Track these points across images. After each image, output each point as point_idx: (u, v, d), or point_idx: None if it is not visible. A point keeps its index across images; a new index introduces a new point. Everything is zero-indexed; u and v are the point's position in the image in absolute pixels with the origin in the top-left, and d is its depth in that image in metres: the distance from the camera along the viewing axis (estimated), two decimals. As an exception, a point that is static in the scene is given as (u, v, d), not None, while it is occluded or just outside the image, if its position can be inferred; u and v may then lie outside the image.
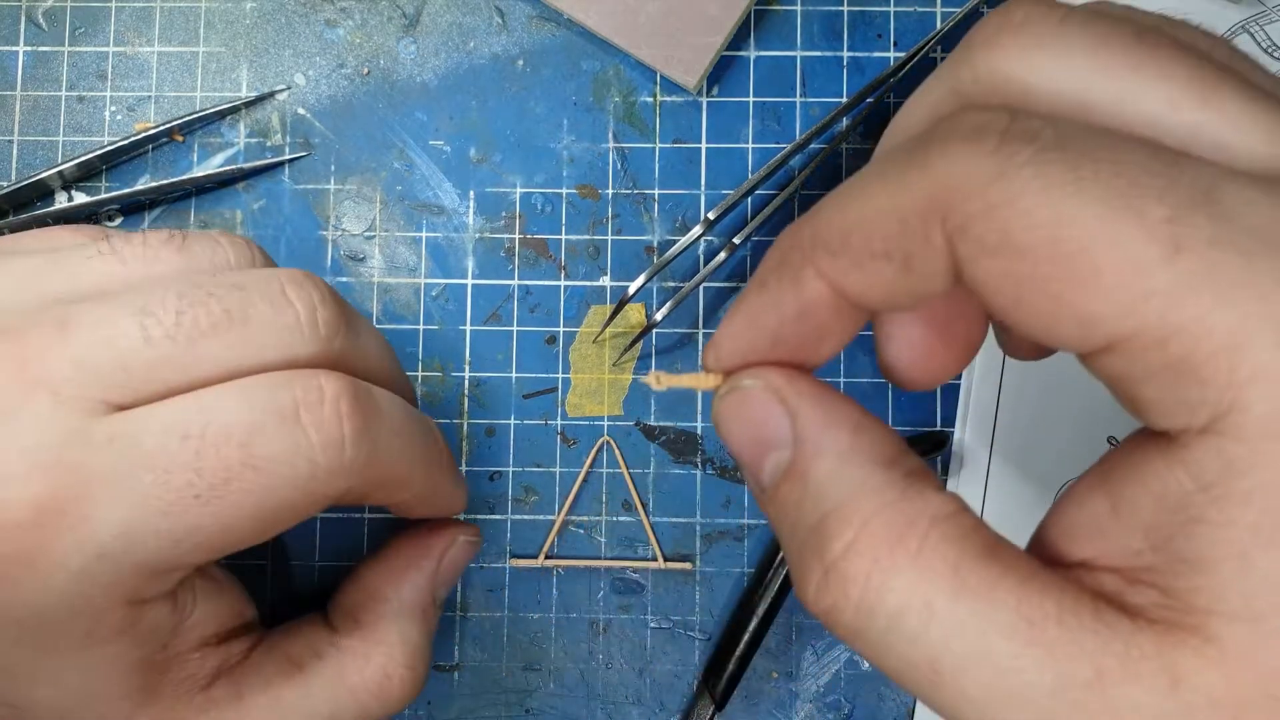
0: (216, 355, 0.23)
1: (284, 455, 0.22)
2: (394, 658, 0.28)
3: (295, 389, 0.23)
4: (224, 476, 0.22)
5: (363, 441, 0.23)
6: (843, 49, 0.37)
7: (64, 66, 0.36)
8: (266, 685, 0.27)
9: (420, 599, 0.29)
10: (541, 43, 0.37)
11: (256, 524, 0.23)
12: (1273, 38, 0.36)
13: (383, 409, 0.24)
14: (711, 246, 0.36)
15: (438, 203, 0.36)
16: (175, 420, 0.22)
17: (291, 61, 0.37)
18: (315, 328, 0.24)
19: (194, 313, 0.23)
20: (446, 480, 0.28)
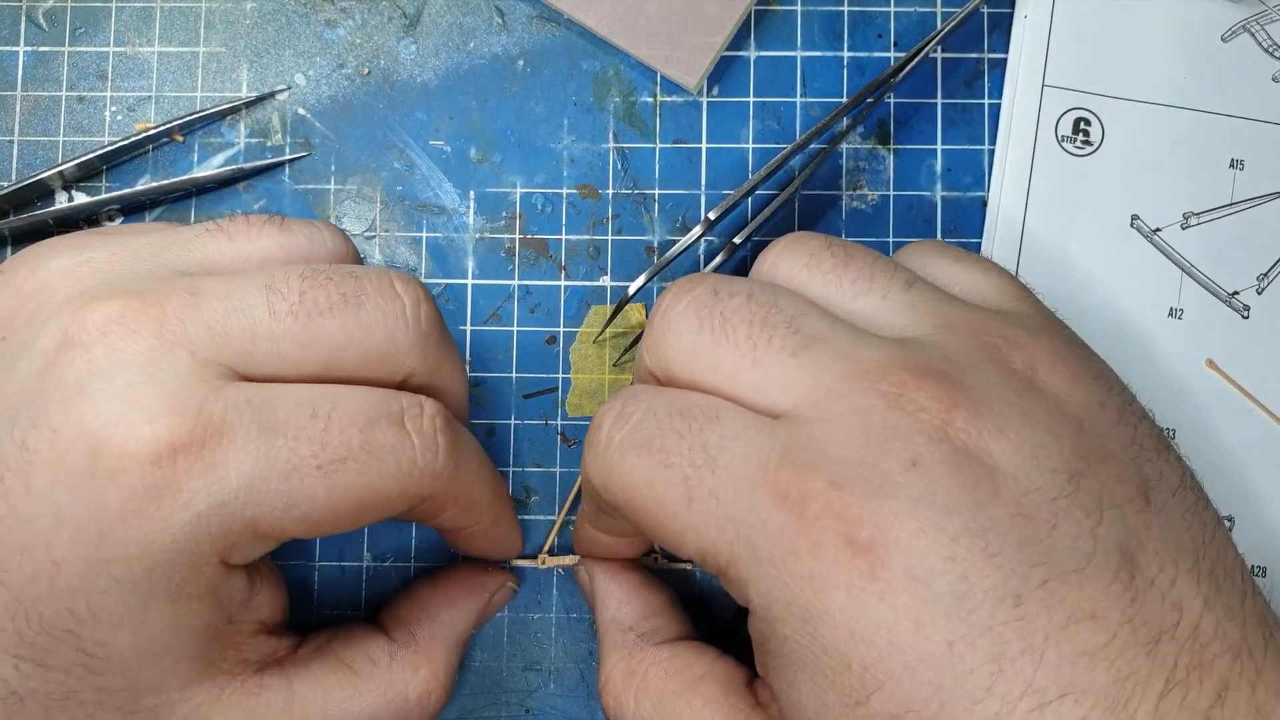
0: (332, 334, 0.25)
1: (393, 447, 0.24)
2: (437, 675, 0.29)
3: (402, 400, 0.25)
4: (343, 454, 0.24)
5: (452, 453, 0.26)
6: (843, 49, 0.37)
7: (64, 66, 0.36)
8: (317, 681, 0.28)
9: (466, 628, 0.31)
10: (542, 43, 0.37)
11: (356, 507, 0.24)
12: (1273, 37, 0.36)
13: (464, 433, 0.27)
14: (712, 247, 0.36)
15: (438, 203, 0.36)
16: (306, 398, 0.24)
17: (292, 61, 0.37)
18: (418, 320, 0.26)
19: (314, 293, 0.25)
20: (508, 517, 0.31)
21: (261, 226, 0.27)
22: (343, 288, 0.25)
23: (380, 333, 0.25)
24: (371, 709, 0.28)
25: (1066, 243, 0.36)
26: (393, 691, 0.28)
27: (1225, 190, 0.36)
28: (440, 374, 0.27)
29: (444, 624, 0.31)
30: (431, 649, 0.30)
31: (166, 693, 0.25)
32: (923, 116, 0.36)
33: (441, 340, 0.27)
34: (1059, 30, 0.36)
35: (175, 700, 0.25)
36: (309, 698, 0.27)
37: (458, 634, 0.31)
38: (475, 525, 0.29)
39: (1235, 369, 0.36)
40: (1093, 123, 0.36)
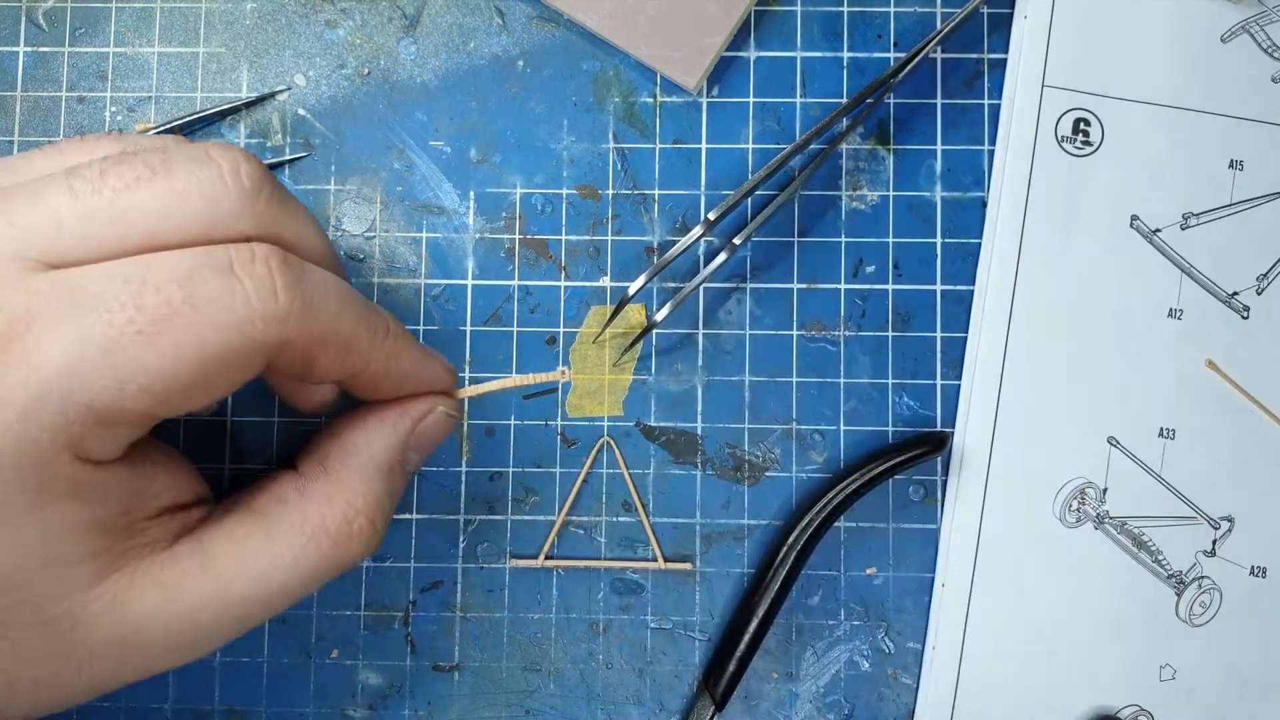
0: (144, 206, 0.24)
1: (221, 295, 0.23)
2: (355, 505, 0.28)
3: (229, 249, 0.24)
4: (165, 313, 0.23)
5: (295, 290, 0.24)
6: (843, 49, 0.37)
7: (64, 67, 0.36)
8: (229, 535, 0.27)
9: (389, 456, 0.29)
10: (541, 43, 0.37)
11: (198, 368, 0.23)
12: (1273, 38, 0.36)
13: (314, 271, 0.26)
14: (711, 247, 0.36)
15: (438, 203, 0.36)
16: (117, 268, 0.23)
17: (292, 62, 0.37)
18: (239, 180, 0.25)
19: (118, 169, 0.24)
20: (406, 349, 0.28)
21: (98, 140, 0.26)
22: (150, 161, 0.24)
23: (197, 198, 0.24)
24: (291, 550, 0.27)
25: (1066, 243, 0.36)
26: (309, 527, 0.27)
27: (1225, 191, 0.36)
28: (284, 233, 0.26)
29: (357, 451, 0.29)
30: (344, 476, 0.28)
31: (72, 596, 0.24)
32: (922, 117, 0.36)
33: (273, 198, 0.26)
34: (1059, 31, 0.36)
35: (84, 600, 0.24)
36: (224, 555, 0.26)
37: (376, 461, 0.29)
38: (365, 368, 0.27)
39: (1235, 369, 0.36)
40: (1092, 123, 0.36)
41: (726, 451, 0.36)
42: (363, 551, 0.28)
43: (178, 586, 0.25)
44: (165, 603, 0.25)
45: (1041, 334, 0.36)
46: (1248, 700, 0.35)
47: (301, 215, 0.27)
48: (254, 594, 0.26)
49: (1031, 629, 0.35)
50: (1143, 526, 0.36)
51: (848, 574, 0.36)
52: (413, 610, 0.35)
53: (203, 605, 0.25)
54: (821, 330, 0.36)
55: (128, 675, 0.26)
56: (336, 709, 0.35)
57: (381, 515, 0.28)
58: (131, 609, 0.25)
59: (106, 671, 0.25)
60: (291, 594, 0.27)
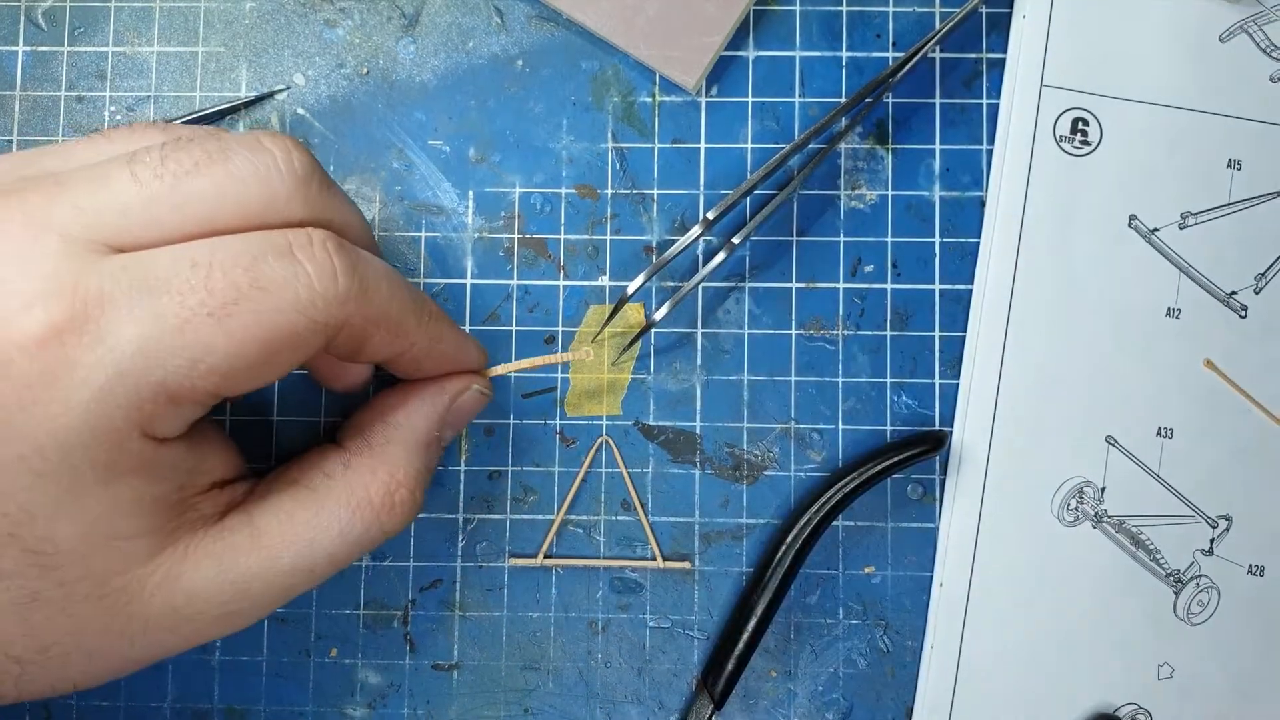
0: (203, 192, 0.24)
1: (285, 279, 0.24)
2: (397, 477, 0.29)
3: (288, 235, 0.25)
4: (234, 296, 0.23)
5: (353, 274, 0.25)
6: (841, 49, 0.37)
7: (63, 66, 0.36)
8: (277, 508, 0.28)
9: (428, 430, 0.30)
10: (540, 43, 0.37)
11: (264, 349, 0.24)
12: (1271, 38, 0.36)
13: (366, 256, 0.27)
14: (710, 246, 0.36)
15: (437, 202, 0.36)
16: (184, 252, 0.24)
17: (291, 62, 0.37)
18: (292, 167, 0.26)
19: (178, 156, 0.25)
20: (447, 331, 0.30)
21: (144, 128, 0.27)
22: (207, 147, 0.25)
23: (254, 184, 0.25)
24: (338, 522, 0.28)
25: (1064, 243, 0.36)
26: (354, 499, 0.28)
27: (1223, 190, 0.36)
28: (334, 218, 0.27)
29: (399, 426, 0.30)
30: (387, 451, 0.29)
31: (131, 570, 0.25)
32: (921, 116, 0.37)
33: (323, 186, 0.27)
34: (1057, 30, 0.36)
35: (142, 575, 0.25)
36: (273, 527, 0.27)
37: (417, 435, 0.30)
38: (410, 348, 0.29)
39: (1233, 368, 0.36)
40: (1091, 123, 0.36)
41: (725, 450, 0.36)
42: (403, 520, 0.29)
43: (229, 558, 0.26)
44: (217, 574, 0.26)
45: (1040, 333, 0.36)
46: (1245, 699, 0.36)
47: (348, 202, 0.28)
48: (301, 564, 0.27)
49: (1030, 628, 0.35)
50: (1141, 525, 0.36)
51: (846, 573, 0.36)
52: (412, 609, 0.35)
53: (253, 576, 0.26)
54: (820, 329, 0.36)
55: (178, 645, 0.26)
56: (335, 708, 0.35)
57: (420, 486, 0.30)
58: (185, 581, 0.26)
59: (157, 642, 0.26)
60: (336, 562, 0.28)
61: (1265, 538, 0.36)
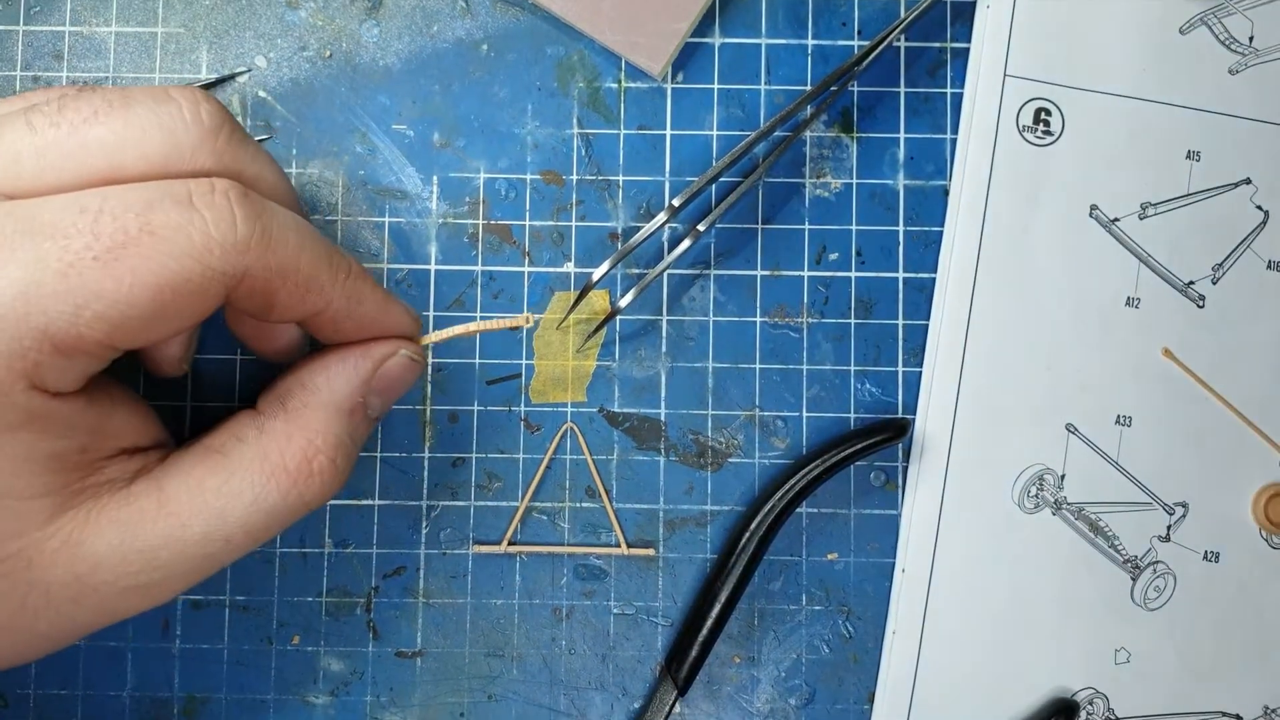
0: (102, 139, 0.24)
1: (179, 224, 0.23)
2: (315, 443, 0.27)
3: (188, 183, 0.24)
4: (121, 240, 0.23)
5: (255, 222, 0.24)
6: (807, 37, 0.37)
7: (19, 46, 0.36)
8: (187, 474, 0.26)
9: (351, 396, 0.29)
10: (505, 27, 0.36)
11: (156, 295, 0.23)
12: (1230, 30, 0.37)
13: (274, 207, 0.26)
14: (675, 233, 0.36)
15: (400, 187, 0.36)
16: (73, 198, 0.23)
17: (252, 44, 0.36)
18: (198, 117, 0.25)
19: (75, 103, 0.24)
20: (368, 291, 0.28)
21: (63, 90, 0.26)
22: (108, 96, 0.25)
23: (156, 133, 0.25)
24: (251, 489, 0.26)
25: (1026, 232, 0.36)
26: (268, 464, 0.27)
27: (1182, 181, 0.37)
28: (245, 170, 0.26)
29: (317, 390, 0.28)
30: (304, 415, 0.28)
31: (28, 534, 0.24)
32: (886, 105, 0.37)
33: (232, 137, 0.26)
34: (1021, 21, 0.37)
35: (40, 538, 0.24)
36: (181, 494, 0.26)
37: (337, 400, 0.28)
38: (326, 307, 0.27)
39: (1190, 357, 0.36)
40: (1053, 113, 0.37)
41: (690, 437, 0.36)
42: (323, 491, 0.28)
43: (135, 525, 0.25)
44: (122, 541, 0.25)
45: (1002, 322, 0.36)
46: (1200, 681, 0.36)
47: (261, 155, 0.27)
48: (213, 532, 0.26)
49: (990, 613, 0.36)
50: (1099, 512, 0.36)
51: (809, 559, 0.36)
52: (375, 596, 0.35)
53: (161, 544, 0.25)
54: (785, 317, 0.36)
55: (85, 619, 0.25)
56: (298, 695, 0.35)
57: (343, 455, 0.28)
58: (88, 547, 0.25)
59: (64, 615, 0.25)
60: (253, 533, 0.27)
61: (1220, 525, 0.36)
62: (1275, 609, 0.36)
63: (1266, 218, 0.37)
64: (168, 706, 0.35)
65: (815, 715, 0.36)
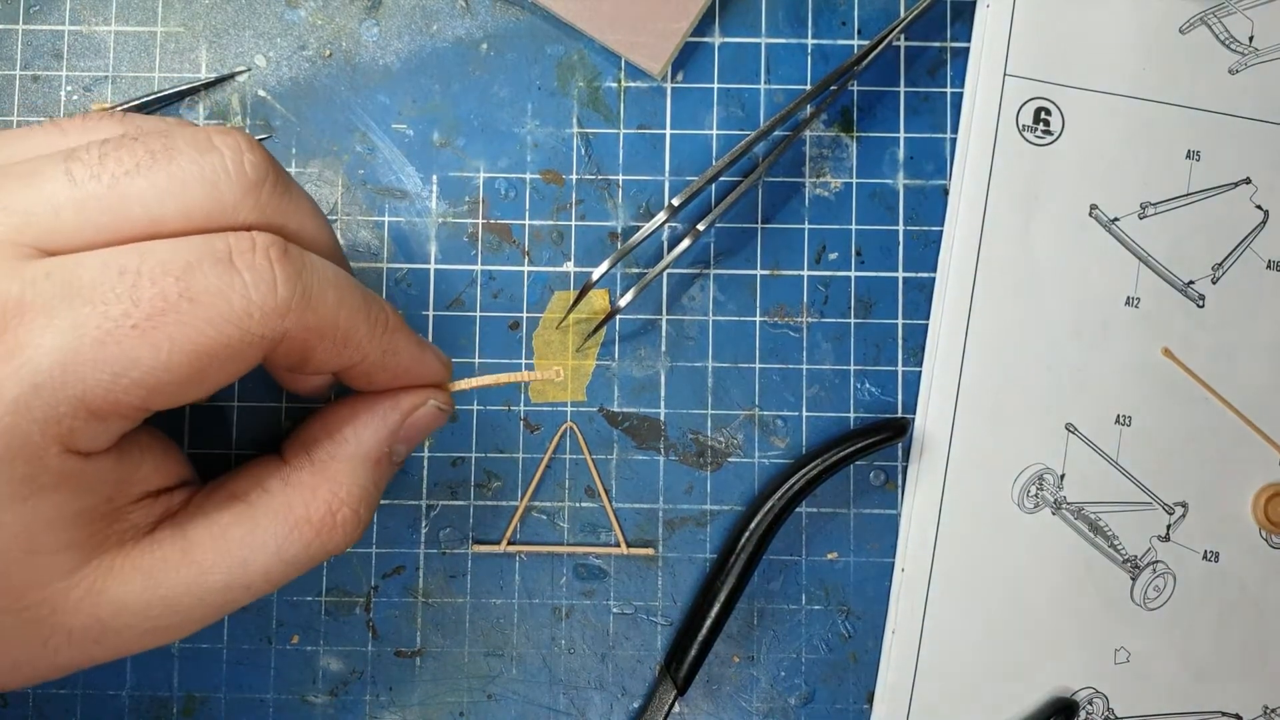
0: (143, 193, 0.23)
1: (219, 289, 0.23)
2: (340, 495, 0.27)
3: (228, 239, 0.24)
4: (160, 307, 0.22)
5: (295, 283, 0.24)
6: (807, 36, 0.37)
7: (18, 45, 0.36)
8: (211, 522, 0.26)
9: (377, 447, 0.29)
10: (505, 26, 0.36)
11: (194, 361, 0.23)
12: (1230, 29, 0.37)
13: (315, 262, 0.25)
14: (675, 233, 0.36)
15: (400, 187, 0.36)
16: (112, 258, 0.23)
17: (252, 43, 0.36)
18: (242, 169, 0.24)
19: (118, 154, 0.23)
20: (403, 343, 0.28)
21: (100, 120, 0.26)
22: (151, 146, 0.24)
23: (198, 187, 0.24)
24: (274, 540, 0.26)
25: (1026, 231, 0.36)
26: (292, 516, 0.27)
27: (1182, 181, 0.37)
28: (288, 223, 0.26)
29: (345, 442, 0.28)
30: (330, 468, 0.28)
31: (52, 584, 0.24)
32: (886, 104, 0.37)
33: (277, 187, 0.25)
34: (1021, 20, 0.37)
35: (64, 588, 0.24)
36: (206, 542, 0.26)
37: (364, 452, 0.28)
38: (363, 360, 0.27)
39: (1190, 357, 0.36)
40: (1053, 112, 0.37)
41: (689, 437, 0.36)
42: (346, 540, 0.28)
43: (158, 572, 0.25)
44: (145, 589, 0.25)
45: (1001, 321, 0.36)
46: (1200, 682, 0.36)
47: (305, 204, 0.27)
48: (234, 581, 0.26)
49: (990, 613, 0.36)
50: (1099, 512, 0.36)
51: (809, 559, 0.36)
52: (374, 595, 0.35)
53: (183, 591, 0.25)
54: (784, 316, 0.36)
55: (102, 656, 0.26)
56: (297, 695, 0.35)
57: (366, 506, 0.28)
58: (111, 594, 0.25)
59: (82, 652, 0.25)
60: (274, 581, 0.27)
61: (1220, 524, 0.36)
62: (1275, 609, 0.36)
63: (1266, 217, 0.37)
64: (167, 706, 0.35)
65: (815, 715, 0.36)
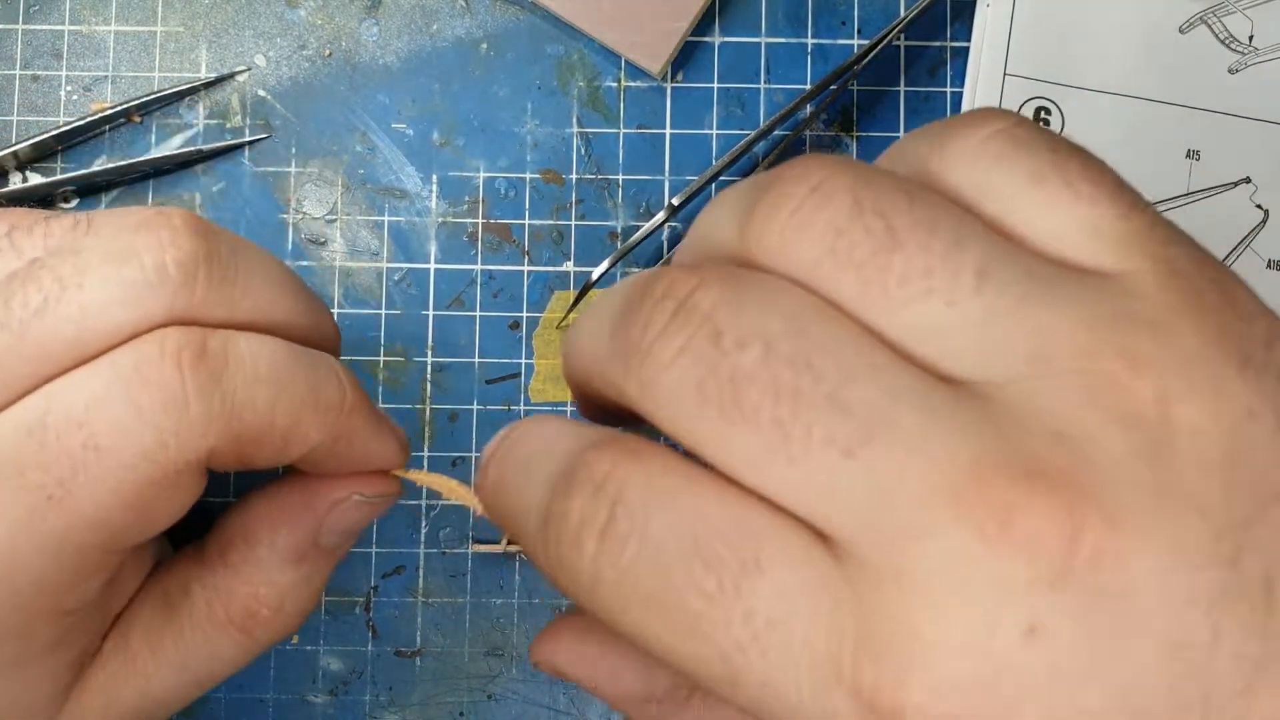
0: (59, 329, 0.21)
1: (123, 423, 0.20)
2: (258, 596, 0.26)
3: (138, 348, 0.21)
4: (69, 466, 0.20)
5: (211, 394, 0.21)
6: (807, 36, 0.37)
7: (18, 45, 0.36)
8: (147, 629, 0.26)
9: (296, 547, 0.26)
10: (505, 26, 0.36)
11: (124, 511, 0.21)
12: (1230, 29, 0.37)
13: (243, 354, 0.22)
14: (675, 233, 0.36)
15: (400, 186, 0.36)
16: (22, 416, 0.21)
17: (252, 42, 0.36)
18: (165, 275, 0.21)
19: (23, 292, 0.21)
20: (360, 425, 0.24)
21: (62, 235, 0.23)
22: (58, 272, 0.21)
23: (119, 309, 0.21)
24: (206, 644, 0.26)
25: (1026, 231, 0.36)
26: (214, 619, 0.25)
27: (1181, 180, 0.37)
28: (234, 311, 0.22)
29: (258, 543, 0.26)
30: (244, 570, 0.26)
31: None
32: (886, 104, 0.37)
33: (212, 277, 0.22)
34: (1021, 19, 0.37)
35: None
36: (144, 652, 0.25)
37: (279, 551, 0.26)
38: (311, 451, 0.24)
39: (1190, 357, 0.36)
40: (1053, 112, 0.37)
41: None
42: (278, 634, 0.27)
43: (111, 689, 0.25)
44: (104, 706, 0.25)
45: (1001, 321, 0.36)
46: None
47: (255, 276, 0.23)
48: (180, 682, 0.26)
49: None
50: (1099, 511, 0.36)
51: (809, 558, 0.36)
52: (374, 595, 0.35)
53: (135, 700, 0.25)
54: (784, 316, 0.36)
55: None
56: (297, 695, 0.35)
57: (293, 601, 0.27)
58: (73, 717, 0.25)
59: None
60: (219, 675, 0.26)
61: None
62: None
63: (1266, 217, 0.37)
64: (167, 706, 0.35)
65: (815, 715, 0.36)
